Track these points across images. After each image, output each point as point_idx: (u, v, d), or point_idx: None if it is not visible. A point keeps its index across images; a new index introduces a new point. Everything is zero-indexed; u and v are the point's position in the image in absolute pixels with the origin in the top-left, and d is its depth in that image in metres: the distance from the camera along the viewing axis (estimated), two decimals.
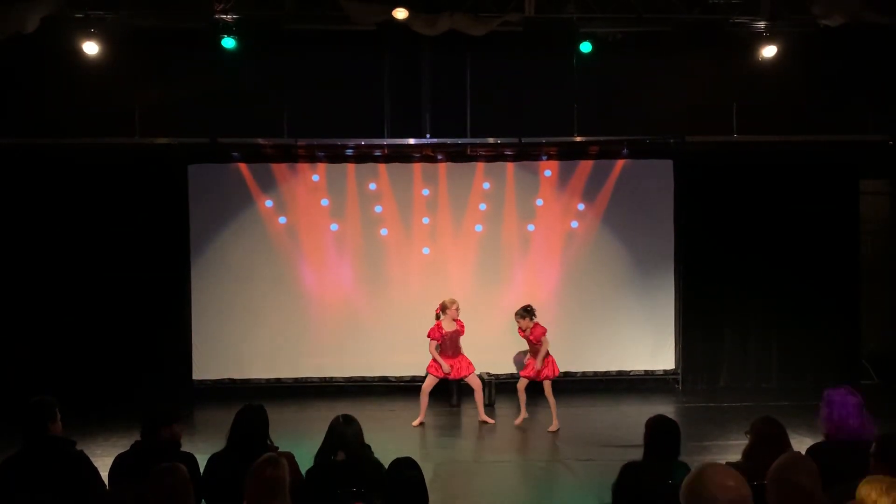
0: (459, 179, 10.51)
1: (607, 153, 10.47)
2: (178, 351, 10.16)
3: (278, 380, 10.33)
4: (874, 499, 2.79)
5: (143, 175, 9.99)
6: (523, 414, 8.88)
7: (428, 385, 8.88)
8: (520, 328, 8.70)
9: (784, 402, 9.38)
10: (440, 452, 7.88)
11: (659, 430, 4.19)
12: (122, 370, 9.87)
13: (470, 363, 8.93)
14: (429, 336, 8.85)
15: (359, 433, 4.49)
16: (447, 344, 8.83)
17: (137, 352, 9.95)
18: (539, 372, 8.63)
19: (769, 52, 9.22)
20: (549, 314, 10.51)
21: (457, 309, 8.84)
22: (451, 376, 8.89)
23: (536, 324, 8.67)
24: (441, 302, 8.89)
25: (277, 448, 4.49)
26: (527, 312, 8.65)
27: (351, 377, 10.37)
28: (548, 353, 8.67)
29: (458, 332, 8.89)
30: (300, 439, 7.47)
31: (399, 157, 10.43)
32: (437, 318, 8.87)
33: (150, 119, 9.69)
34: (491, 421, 8.99)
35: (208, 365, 10.27)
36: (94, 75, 9.15)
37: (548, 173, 10.60)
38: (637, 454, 4.15)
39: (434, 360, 8.81)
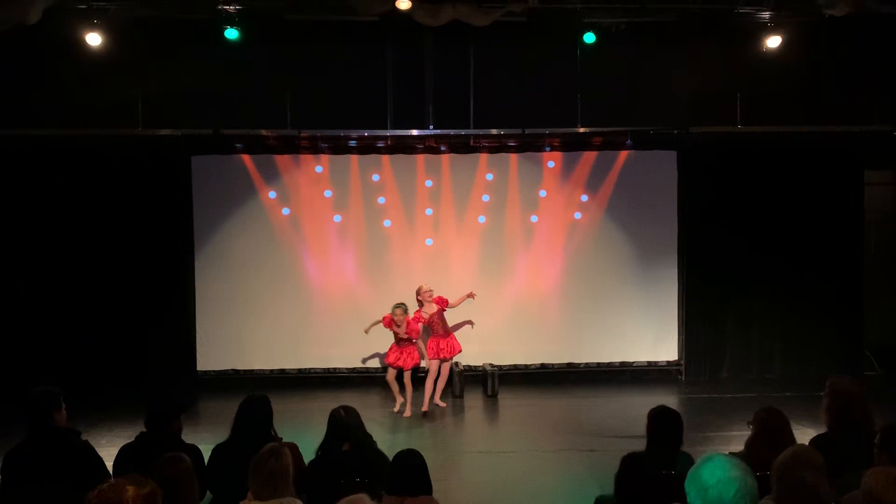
0: (462, 170, 10.50)
1: (611, 144, 10.45)
2: (182, 341, 10.18)
3: (282, 370, 10.36)
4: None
5: (146, 166, 9.98)
6: (399, 400, 9.07)
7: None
8: (395, 322, 8.90)
9: (787, 392, 9.39)
10: (443, 443, 7.90)
11: (661, 421, 4.20)
12: (126, 361, 9.89)
13: (455, 345, 9.18)
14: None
15: (360, 423, 4.51)
16: (437, 324, 9.05)
17: (142, 342, 9.97)
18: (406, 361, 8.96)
19: (773, 42, 9.19)
20: (552, 305, 10.58)
21: (426, 291, 9.05)
22: (444, 355, 9.05)
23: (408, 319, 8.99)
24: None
25: (281, 438, 4.51)
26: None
27: (354, 367, 10.39)
28: (412, 343, 9.03)
29: (440, 311, 9.08)
30: (304, 430, 7.50)
31: (402, 148, 10.42)
32: (420, 305, 9.11)
33: (153, 110, 9.69)
34: (443, 405, 9.22)
35: (212, 355, 10.29)
36: (97, 66, 9.15)
37: (551, 164, 10.58)
38: (640, 445, 4.16)
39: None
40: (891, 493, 2.88)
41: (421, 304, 9.05)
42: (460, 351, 9.26)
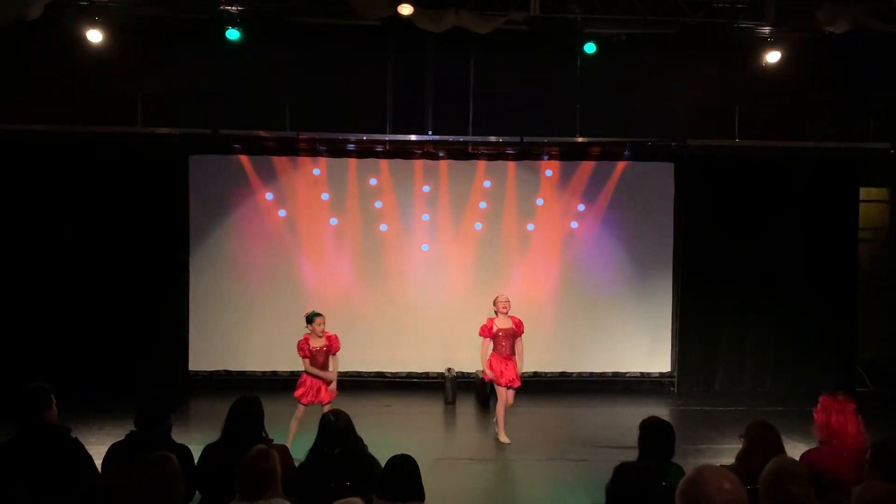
0: (460, 177, 10.52)
1: (609, 154, 10.47)
2: (175, 341, 10.15)
3: (274, 373, 10.32)
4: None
5: (143, 164, 9.97)
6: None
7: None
8: (315, 333, 7.40)
9: (779, 407, 9.39)
10: (435, 449, 7.87)
11: (653, 432, 4.19)
12: (118, 359, 9.85)
13: (515, 375, 8.04)
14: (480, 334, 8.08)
15: (351, 427, 4.49)
16: (500, 344, 8.04)
17: (134, 341, 9.94)
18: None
19: (773, 57, 9.23)
20: (546, 314, 10.57)
21: (502, 302, 8.05)
22: (503, 381, 7.96)
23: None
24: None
25: (272, 440, 4.49)
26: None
27: (347, 372, 10.31)
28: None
29: (513, 331, 8.05)
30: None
31: (400, 153, 10.43)
32: (495, 314, 8.11)
33: (152, 108, 9.69)
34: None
35: (204, 356, 10.27)
36: (97, 63, 9.15)
37: (549, 173, 10.60)
38: (631, 455, 4.15)
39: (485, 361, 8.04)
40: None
41: (496, 313, 8.11)
42: (515, 384, 8.05)
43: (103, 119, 9.59)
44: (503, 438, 8.03)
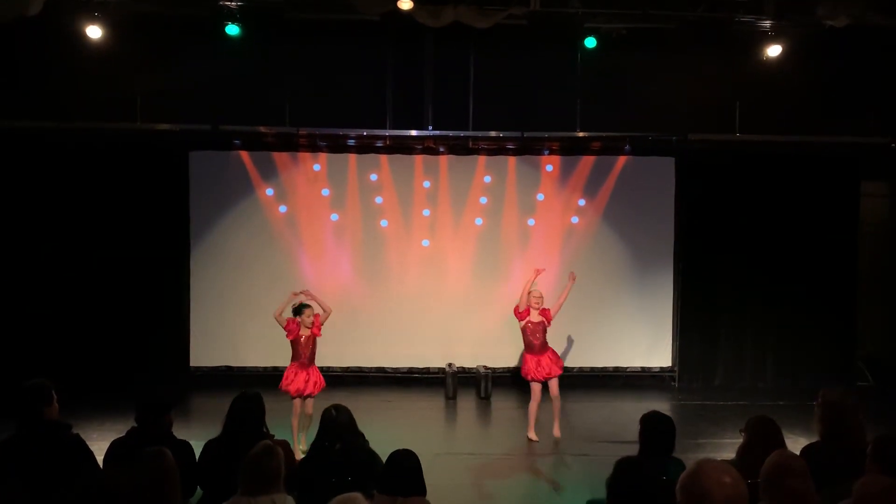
0: (461, 172, 10.50)
1: (609, 149, 10.46)
2: (176, 337, 10.16)
3: (275, 368, 10.27)
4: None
5: (143, 161, 9.97)
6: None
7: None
8: (303, 324, 7.53)
9: (780, 401, 9.41)
10: (436, 444, 7.89)
11: (654, 426, 4.20)
12: (119, 355, 9.86)
13: (553, 364, 7.93)
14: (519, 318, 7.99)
15: (352, 422, 4.51)
16: (529, 336, 7.97)
17: (135, 337, 9.94)
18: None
19: (773, 51, 9.21)
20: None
21: (536, 297, 7.94)
22: (540, 376, 7.84)
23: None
24: None
25: (273, 436, 4.50)
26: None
27: (348, 367, 10.37)
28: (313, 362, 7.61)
29: (543, 324, 7.97)
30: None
31: (401, 149, 10.42)
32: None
33: (151, 105, 9.67)
34: (556, 434, 7.98)
35: (205, 352, 10.27)
36: (96, 60, 9.13)
37: (549, 168, 10.59)
38: (632, 450, 4.16)
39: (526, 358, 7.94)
40: (882, 502, 2.88)
41: (528, 308, 7.98)
42: (559, 373, 7.94)
43: (103, 115, 9.58)
44: (531, 436, 7.98)
